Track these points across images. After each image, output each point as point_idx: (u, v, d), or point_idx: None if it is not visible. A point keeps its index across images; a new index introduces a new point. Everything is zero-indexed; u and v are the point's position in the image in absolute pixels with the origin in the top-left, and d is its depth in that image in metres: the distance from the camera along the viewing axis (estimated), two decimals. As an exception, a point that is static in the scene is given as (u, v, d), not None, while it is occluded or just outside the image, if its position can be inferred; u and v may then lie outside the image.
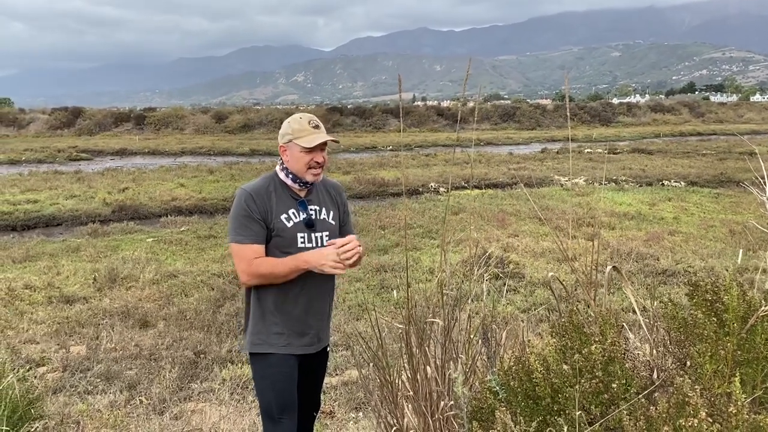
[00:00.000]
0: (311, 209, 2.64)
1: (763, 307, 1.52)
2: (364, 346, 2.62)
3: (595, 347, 1.54)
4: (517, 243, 10.04)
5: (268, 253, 2.54)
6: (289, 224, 2.57)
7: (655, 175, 19.70)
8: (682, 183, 18.44)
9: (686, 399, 1.32)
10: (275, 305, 2.58)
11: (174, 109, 52.16)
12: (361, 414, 4.33)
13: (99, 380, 4.92)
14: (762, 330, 1.54)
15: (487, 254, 8.55)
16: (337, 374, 5.07)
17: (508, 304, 6.80)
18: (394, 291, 7.00)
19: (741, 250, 9.36)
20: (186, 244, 10.67)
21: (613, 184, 18.33)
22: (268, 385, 2.59)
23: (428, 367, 2.24)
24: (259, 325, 2.59)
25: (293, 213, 2.59)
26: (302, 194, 2.64)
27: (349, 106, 56.50)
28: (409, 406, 2.40)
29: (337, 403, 4.50)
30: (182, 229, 12.10)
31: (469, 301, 2.71)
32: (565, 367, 1.62)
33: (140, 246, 10.42)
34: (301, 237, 2.59)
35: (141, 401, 4.58)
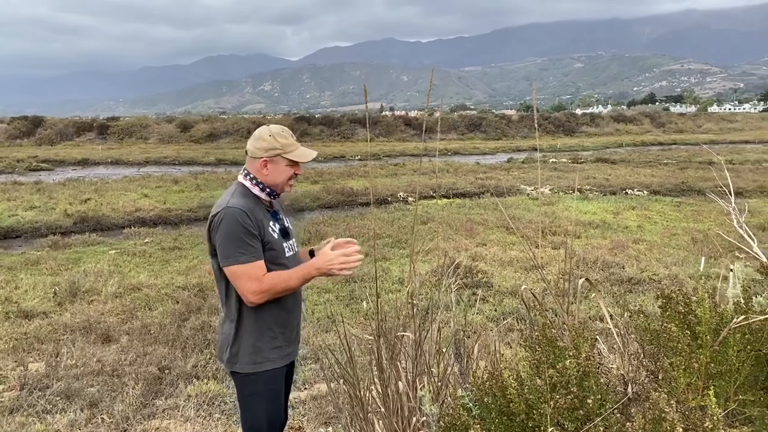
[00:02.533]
0: (281, 219, 2.65)
1: (735, 320, 1.52)
2: (333, 360, 2.57)
3: (570, 362, 1.52)
4: (485, 252, 10.08)
5: None
6: (276, 236, 2.55)
7: (618, 184, 20.04)
8: (645, 192, 18.79)
9: (663, 414, 1.30)
10: (275, 319, 2.52)
11: (138, 118, 51.38)
12: (330, 429, 4.26)
13: (58, 398, 4.75)
14: (734, 342, 1.54)
15: (456, 264, 8.56)
16: (306, 388, 4.99)
17: (477, 313, 6.79)
18: (364, 302, 6.95)
19: (703, 258, 9.50)
20: (150, 256, 10.45)
21: (578, 193, 18.59)
22: (259, 402, 2.52)
23: (399, 383, 2.20)
24: (259, 343, 2.49)
25: (272, 225, 2.55)
26: (271, 206, 2.63)
27: (316, 116, 56.32)
28: (380, 422, 2.35)
29: (306, 418, 4.42)
30: (146, 240, 11.86)
31: (440, 312, 2.68)
32: (539, 382, 1.60)
33: (103, 258, 10.16)
34: (285, 247, 2.58)
35: (103, 420, 4.43)
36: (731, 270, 7.29)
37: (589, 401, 1.48)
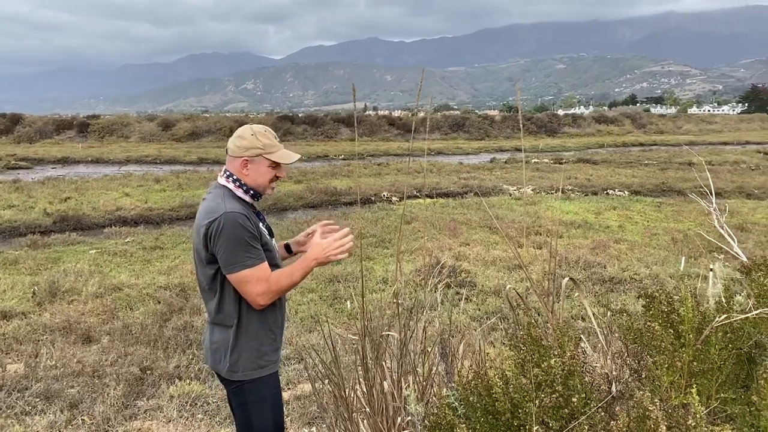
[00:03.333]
0: (263, 218, 2.63)
1: (717, 319, 1.53)
2: (317, 360, 2.56)
3: (555, 361, 1.53)
4: (469, 252, 10.11)
5: None
6: (268, 237, 2.54)
7: (600, 184, 20.20)
8: (626, 192, 18.97)
9: (647, 413, 1.31)
10: (275, 321, 2.50)
11: (119, 117, 50.78)
12: (314, 429, 4.25)
13: (38, 400, 4.68)
14: (716, 341, 1.56)
15: (440, 264, 8.58)
16: (289, 388, 4.97)
17: (461, 313, 6.81)
18: (348, 302, 6.94)
19: (683, 258, 9.62)
20: (131, 256, 10.35)
21: (560, 193, 18.73)
22: (266, 407, 2.46)
23: (384, 382, 2.20)
24: (263, 347, 2.44)
25: (261, 226, 2.53)
26: (254, 207, 2.59)
27: (300, 115, 56.09)
28: (365, 421, 2.35)
29: (289, 418, 4.40)
30: (127, 240, 11.74)
31: (425, 311, 2.68)
32: (524, 380, 1.60)
33: (83, 258, 10.04)
34: (275, 246, 2.60)
35: (83, 421, 4.38)
36: (711, 269, 7.38)
37: (574, 400, 1.49)
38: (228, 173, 2.49)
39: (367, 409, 2.21)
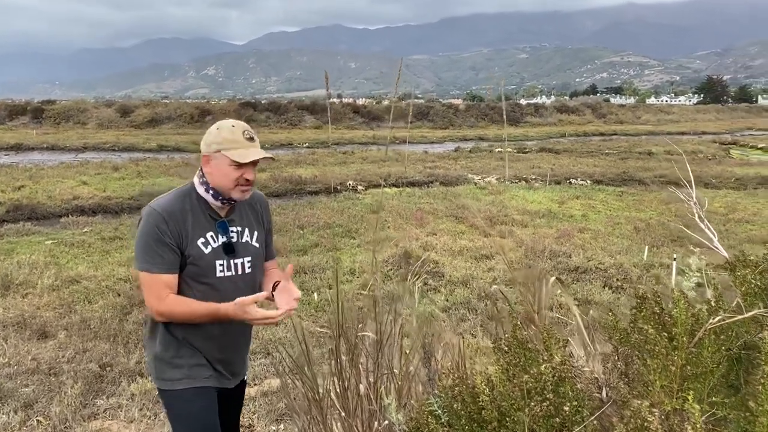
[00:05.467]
0: (232, 231, 2.30)
1: (711, 320, 1.48)
2: (288, 361, 2.45)
3: (545, 367, 1.45)
4: (436, 241, 10.08)
5: (180, 283, 2.20)
6: (207, 250, 2.22)
7: (562, 173, 20.42)
8: (588, 181, 19.21)
9: (645, 424, 1.25)
10: (197, 335, 2.26)
11: (76, 102, 49.29)
12: (282, 426, 4.15)
13: (-10, 400, 4.47)
14: (709, 343, 1.51)
15: (408, 254, 8.53)
16: (256, 384, 4.85)
17: (429, 304, 6.77)
18: (315, 294, 6.83)
19: (647, 248, 9.75)
20: (89, 247, 10.02)
21: (524, 182, 18.87)
22: (183, 423, 2.26)
23: (360, 385, 2.11)
24: (181, 360, 2.23)
25: (211, 237, 2.23)
26: (223, 213, 2.29)
27: (263, 102, 55.34)
28: (339, 424, 2.26)
29: (256, 415, 4.29)
30: (85, 230, 11.37)
31: (400, 306, 2.59)
32: (511, 387, 1.53)
33: (38, 249, 9.68)
34: (220, 265, 2.24)
35: (39, 422, 4.19)
36: (674, 259, 7.41)
37: (566, 408, 1.42)
38: (200, 169, 2.29)
39: (342, 413, 2.11)
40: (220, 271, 2.25)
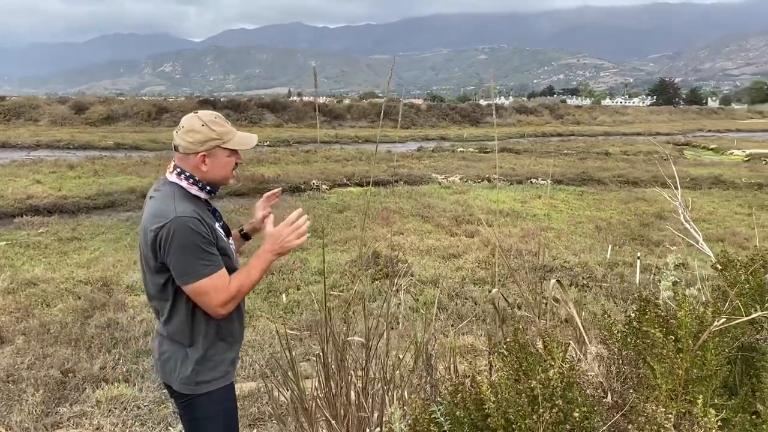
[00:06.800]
0: (219, 216, 2.36)
1: (716, 322, 1.47)
2: (268, 365, 2.38)
3: (553, 372, 1.42)
4: (403, 241, 10.06)
5: None
6: (226, 240, 2.26)
7: (524, 173, 20.64)
8: (549, 181, 19.47)
9: (661, 430, 1.23)
10: (230, 330, 2.25)
11: (27, 98, 47.70)
12: (255, 431, 4.05)
13: (-56, 411, 4.25)
14: (713, 346, 1.50)
15: (376, 254, 8.48)
16: (227, 388, 4.73)
17: (399, 303, 6.74)
18: (283, 295, 6.72)
19: (610, 246, 9.88)
20: (46, 248, 9.68)
21: (487, 182, 19.03)
22: (219, 423, 2.23)
23: (351, 392, 2.05)
24: (218, 356, 2.20)
25: (218, 226, 2.25)
26: (209, 204, 2.33)
27: (222, 99, 54.54)
28: None
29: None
30: (40, 230, 10.98)
31: (381, 308, 2.54)
32: (516, 394, 1.49)
33: (-10, 250, 9.31)
34: (233, 248, 2.32)
35: (-2, 432, 4.01)
36: (638, 258, 7.53)
37: (576, 414, 1.40)
38: (180, 170, 2.19)
39: (333, 422, 2.05)
40: (233, 254, 2.31)
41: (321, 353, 2.17)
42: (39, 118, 39.85)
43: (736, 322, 1.49)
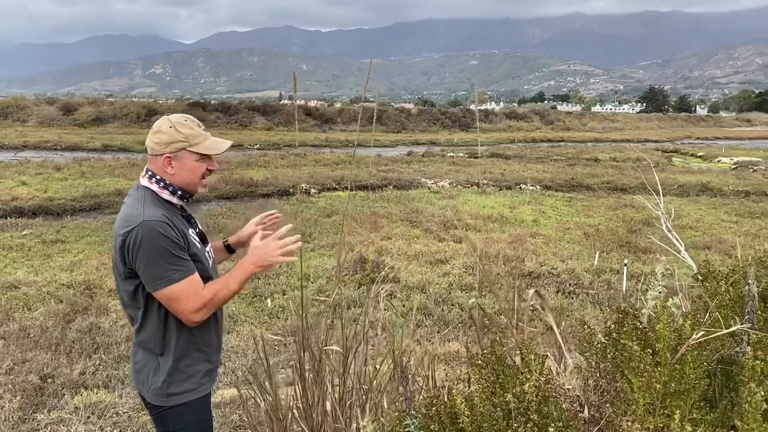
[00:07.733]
0: (194, 222, 2.30)
1: (694, 336, 1.45)
2: (245, 372, 2.33)
3: (529, 386, 1.39)
4: (391, 246, 10.02)
5: None
6: (199, 246, 2.21)
7: (513, 179, 20.66)
8: (538, 187, 19.50)
9: (637, 447, 1.20)
10: (205, 339, 2.19)
11: (15, 99, 47.23)
12: (236, 439, 3.99)
13: None
14: (692, 359, 1.47)
15: (363, 259, 8.43)
16: (208, 395, 4.66)
17: (386, 309, 6.70)
18: (268, 300, 6.67)
19: (597, 253, 9.88)
20: (29, 250, 9.56)
21: (476, 187, 19.03)
22: None
23: (327, 402, 2.01)
24: (192, 367, 2.14)
25: (192, 232, 2.21)
26: (184, 210, 2.28)
27: (212, 102, 54.33)
28: (303, 442, 2.15)
29: (209, 428, 4.12)
30: (24, 232, 10.86)
31: (365, 315, 2.50)
32: (489, 407, 1.46)
33: (-28, 252, 9.18)
34: (208, 256, 2.27)
35: (-27, 439, 3.93)
36: (625, 264, 7.53)
37: (551, 429, 1.36)
38: (150, 173, 2.16)
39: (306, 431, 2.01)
40: (209, 262, 2.27)
41: (297, 362, 2.12)
42: (27, 118, 39.52)
43: (716, 335, 1.47)
